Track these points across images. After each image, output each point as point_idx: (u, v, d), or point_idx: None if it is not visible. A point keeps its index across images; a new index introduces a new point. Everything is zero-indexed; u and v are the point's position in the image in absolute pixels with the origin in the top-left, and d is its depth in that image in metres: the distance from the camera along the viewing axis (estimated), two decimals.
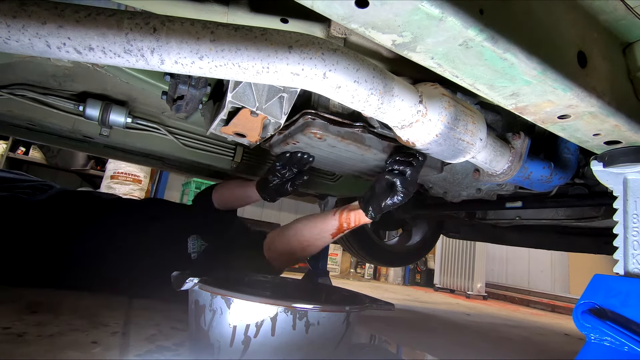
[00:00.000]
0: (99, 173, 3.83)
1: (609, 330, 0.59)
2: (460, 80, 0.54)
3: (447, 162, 0.97)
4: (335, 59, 0.53)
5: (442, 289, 4.71)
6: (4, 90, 1.07)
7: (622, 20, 0.60)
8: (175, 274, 0.84)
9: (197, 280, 0.79)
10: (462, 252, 4.64)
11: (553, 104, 0.56)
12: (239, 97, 0.80)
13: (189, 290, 0.81)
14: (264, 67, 0.52)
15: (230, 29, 0.51)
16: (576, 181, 1.19)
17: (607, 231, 1.16)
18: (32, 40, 0.48)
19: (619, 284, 0.62)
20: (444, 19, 0.41)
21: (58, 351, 0.75)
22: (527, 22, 0.49)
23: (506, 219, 1.89)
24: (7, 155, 3.55)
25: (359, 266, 5.48)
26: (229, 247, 1.29)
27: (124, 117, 1.16)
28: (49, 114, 1.15)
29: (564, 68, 0.52)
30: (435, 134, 0.65)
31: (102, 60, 0.51)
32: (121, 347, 0.84)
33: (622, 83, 0.63)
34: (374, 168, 1.10)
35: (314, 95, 0.85)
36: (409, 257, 2.60)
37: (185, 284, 0.79)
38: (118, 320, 1.05)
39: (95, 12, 0.49)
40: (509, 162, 0.85)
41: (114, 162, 3.44)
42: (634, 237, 0.65)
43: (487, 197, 1.19)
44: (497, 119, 0.97)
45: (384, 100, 0.58)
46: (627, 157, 0.66)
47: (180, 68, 0.52)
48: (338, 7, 0.42)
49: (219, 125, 0.90)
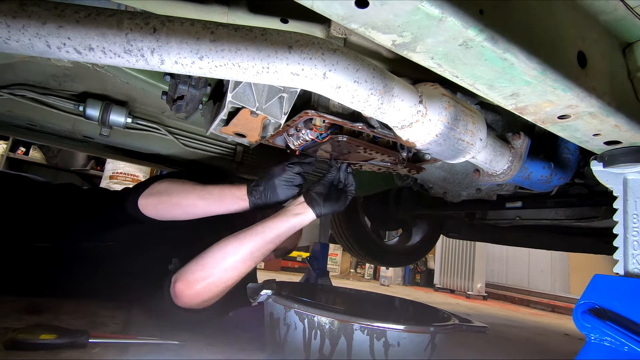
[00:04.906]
0: (99, 173, 3.83)
1: (609, 330, 0.59)
2: (460, 81, 0.54)
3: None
4: (335, 59, 0.53)
5: (442, 289, 4.71)
6: (4, 90, 1.07)
7: (622, 20, 0.60)
8: (250, 286, 0.82)
9: (272, 293, 0.77)
10: (462, 252, 4.63)
11: (553, 104, 0.56)
12: (239, 97, 0.80)
13: (264, 302, 0.79)
14: (264, 67, 0.52)
15: (230, 29, 0.51)
16: (576, 181, 1.19)
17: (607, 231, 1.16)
18: (32, 40, 0.48)
19: (619, 284, 0.62)
20: (444, 19, 0.41)
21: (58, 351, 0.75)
22: (527, 22, 0.49)
23: (506, 219, 1.89)
24: (7, 155, 3.55)
25: (359, 266, 5.47)
26: None
27: (124, 117, 1.15)
28: (49, 114, 1.15)
29: (564, 68, 0.52)
30: (435, 134, 0.65)
31: (102, 60, 0.51)
32: (121, 347, 0.84)
33: (622, 83, 0.63)
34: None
35: (314, 95, 0.85)
36: (409, 257, 2.60)
37: (260, 295, 0.77)
38: (118, 320, 1.05)
39: (95, 12, 0.49)
40: (509, 162, 0.85)
41: (113, 162, 3.44)
42: (634, 237, 0.65)
43: (487, 197, 1.19)
44: (497, 119, 0.97)
45: (384, 100, 0.58)
46: (627, 157, 0.66)
47: (180, 68, 0.52)
48: (338, 8, 0.42)
49: (219, 125, 0.90)
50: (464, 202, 1.33)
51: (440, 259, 4.85)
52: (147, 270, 1.07)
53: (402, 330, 0.68)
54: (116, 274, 1.11)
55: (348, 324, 0.68)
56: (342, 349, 0.67)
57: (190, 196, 1.08)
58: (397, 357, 0.68)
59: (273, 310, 0.80)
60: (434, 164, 1.14)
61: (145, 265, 1.09)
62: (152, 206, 1.10)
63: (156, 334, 0.95)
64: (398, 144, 1.00)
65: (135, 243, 1.14)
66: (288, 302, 0.75)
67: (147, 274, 1.07)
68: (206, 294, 0.95)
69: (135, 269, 1.10)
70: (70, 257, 1.10)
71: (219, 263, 0.95)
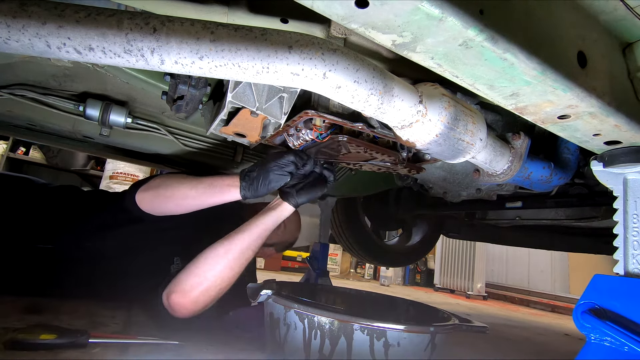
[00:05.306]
0: (99, 173, 3.83)
1: (609, 330, 0.59)
2: (460, 81, 0.54)
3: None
4: (335, 59, 0.53)
5: (442, 289, 4.71)
6: (4, 90, 1.07)
7: (622, 20, 0.60)
8: (250, 286, 0.83)
9: (272, 293, 0.77)
10: (462, 252, 4.63)
11: (553, 104, 0.56)
12: (239, 97, 0.79)
13: (264, 302, 0.79)
14: (264, 67, 0.52)
15: (230, 29, 0.51)
16: (576, 181, 1.19)
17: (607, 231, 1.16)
18: (32, 40, 0.48)
19: (619, 284, 0.62)
20: (444, 19, 0.41)
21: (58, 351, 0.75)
22: (527, 22, 0.49)
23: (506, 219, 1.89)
24: (7, 155, 3.54)
25: (359, 266, 5.47)
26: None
27: (124, 117, 1.15)
28: (49, 114, 1.15)
29: (564, 68, 0.52)
30: (435, 134, 0.65)
31: (102, 60, 0.51)
32: (121, 347, 0.84)
33: (622, 83, 0.63)
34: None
35: (314, 95, 0.85)
36: (409, 257, 2.60)
37: (260, 295, 0.78)
38: (118, 320, 1.05)
39: (95, 12, 0.49)
40: (509, 162, 0.85)
41: (113, 162, 3.44)
42: (634, 237, 0.65)
43: (487, 197, 1.19)
44: (497, 119, 0.97)
45: (384, 100, 0.58)
46: (627, 157, 0.66)
47: (180, 68, 0.52)
48: (338, 8, 0.42)
49: (219, 125, 0.90)
50: (464, 202, 1.33)
51: (440, 259, 4.84)
52: (146, 271, 1.08)
53: (402, 330, 0.68)
54: (116, 273, 1.11)
55: (348, 324, 0.68)
56: (342, 349, 0.67)
57: (182, 187, 1.08)
58: (397, 357, 0.68)
59: (273, 310, 0.80)
60: (434, 164, 1.14)
61: (145, 265, 1.10)
62: (148, 200, 1.11)
63: (156, 334, 0.95)
64: (398, 144, 1.00)
65: (135, 243, 1.14)
66: (288, 302, 0.75)
67: (147, 274, 1.07)
68: (204, 300, 0.96)
69: (135, 269, 1.10)
70: (71, 258, 1.10)
71: (212, 266, 0.96)
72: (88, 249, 1.11)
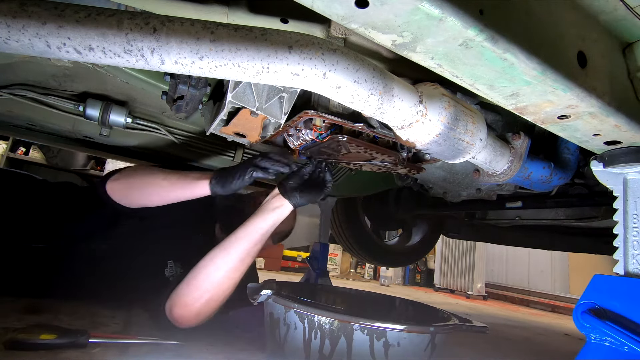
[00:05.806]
0: (99, 173, 3.83)
1: (609, 330, 0.59)
2: (460, 81, 0.54)
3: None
4: (335, 59, 0.53)
5: (442, 289, 4.71)
6: (4, 90, 1.07)
7: (622, 20, 0.60)
8: (250, 286, 0.82)
9: (272, 293, 0.77)
10: (462, 252, 4.63)
11: (553, 104, 0.56)
12: (239, 97, 0.79)
13: (264, 302, 0.79)
14: (264, 67, 0.52)
15: (230, 29, 0.51)
16: (576, 181, 1.19)
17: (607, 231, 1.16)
18: (32, 40, 0.48)
19: (619, 284, 0.62)
20: (444, 19, 0.41)
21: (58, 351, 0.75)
22: (527, 22, 0.49)
23: (506, 219, 1.89)
24: (7, 155, 3.54)
25: (359, 266, 5.47)
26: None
27: (124, 117, 1.15)
28: (49, 114, 1.15)
29: (564, 68, 0.52)
30: (435, 134, 0.65)
31: (102, 60, 0.51)
32: (121, 347, 0.84)
33: (622, 83, 0.63)
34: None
35: (314, 95, 0.85)
36: (409, 257, 2.60)
37: (260, 295, 0.77)
38: (118, 320, 1.05)
39: (95, 12, 0.49)
40: (509, 162, 0.85)
41: (113, 162, 3.44)
42: (634, 237, 0.65)
43: (487, 197, 1.19)
44: (497, 119, 0.97)
45: (384, 100, 0.58)
46: (627, 157, 0.66)
47: (180, 68, 0.52)
48: (338, 8, 0.42)
49: (219, 125, 0.90)
50: (464, 202, 1.33)
51: (440, 259, 4.84)
52: (146, 270, 1.07)
53: (402, 330, 0.68)
54: (115, 273, 1.11)
55: (348, 324, 0.68)
56: (342, 349, 0.67)
57: (154, 178, 1.06)
58: (397, 357, 0.68)
59: (273, 310, 0.80)
60: (434, 164, 1.14)
61: (144, 265, 1.09)
62: (118, 190, 1.08)
63: (156, 334, 0.95)
64: (398, 144, 1.00)
65: (134, 242, 1.14)
66: (288, 302, 0.75)
67: (146, 274, 1.07)
68: (206, 311, 0.95)
69: (135, 269, 1.10)
70: (70, 258, 1.10)
71: (212, 278, 0.94)
72: (86, 248, 1.11)
